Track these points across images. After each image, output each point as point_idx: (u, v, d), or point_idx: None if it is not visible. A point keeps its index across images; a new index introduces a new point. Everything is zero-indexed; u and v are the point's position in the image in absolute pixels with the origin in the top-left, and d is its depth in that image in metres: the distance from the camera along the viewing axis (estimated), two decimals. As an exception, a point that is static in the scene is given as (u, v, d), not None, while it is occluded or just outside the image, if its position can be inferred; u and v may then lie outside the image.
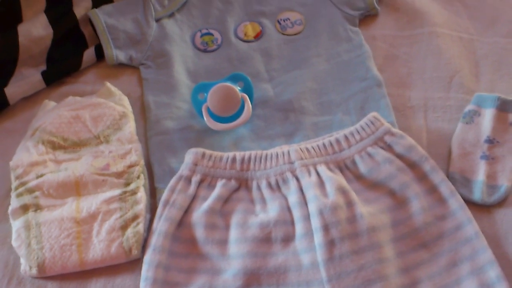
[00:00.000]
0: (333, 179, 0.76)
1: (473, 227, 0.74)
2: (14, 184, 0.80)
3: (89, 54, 0.94)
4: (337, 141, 0.80)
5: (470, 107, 0.85)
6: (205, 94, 0.86)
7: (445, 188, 0.77)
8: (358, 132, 0.80)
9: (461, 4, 1.01)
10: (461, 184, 0.79)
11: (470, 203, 0.77)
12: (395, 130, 0.80)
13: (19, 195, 0.78)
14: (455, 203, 0.76)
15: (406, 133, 0.81)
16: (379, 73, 0.90)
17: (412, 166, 0.78)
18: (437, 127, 0.86)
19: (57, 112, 0.85)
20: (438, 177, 0.77)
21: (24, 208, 0.77)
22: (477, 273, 0.71)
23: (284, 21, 0.97)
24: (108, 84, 0.90)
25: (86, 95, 0.90)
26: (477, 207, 0.78)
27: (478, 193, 0.78)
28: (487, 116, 0.84)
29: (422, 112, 0.88)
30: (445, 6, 1.01)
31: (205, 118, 0.85)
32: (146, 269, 0.73)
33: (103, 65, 0.95)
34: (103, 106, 0.86)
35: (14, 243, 0.75)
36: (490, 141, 0.82)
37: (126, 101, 0.88)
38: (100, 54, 0.95)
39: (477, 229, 0.74)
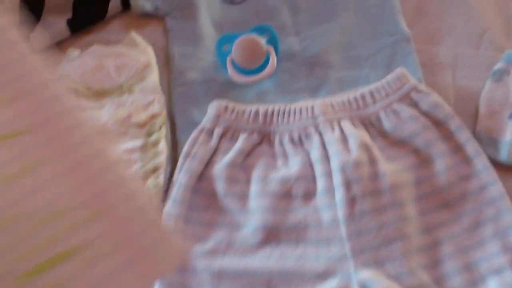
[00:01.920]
0: (356, 135, 0.72)
1: (498, 188, 0.69)
2: None
3: (115, 3, 0.89)
4: (362, 96, 0.75)
5: (500, 65, 0.79)
6: (230, 45, 0.81)
7: (471, 147, 0.71)
8: (384, 88, 0.75)
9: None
10: (487, 143, 0.74)
11: (496, 164, 0.72)
12: (422, 86, 0.75)
13: None
14: (480, 163, 0.71)
15: (433, 90, 0.75)
16: (408, 28, 0.84)
17: (438, 124, 0.73)
18: (465, 85, 0.80)
19: (81, 60, 0.82)
20: (463, 136, 0.72)
21: None
22: (501, 235, 0.67)
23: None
24: (133, 33, 0.85)
25: (111, 44, 0.85)
26: (503, 168, 0.72)
27: (504, 153, 0.73)
28: (517, 75, 0.77)
29: (450, 69, 0.82)
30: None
31: (228, 71, 0.80)
32: (165, 221, 0.69)
33: (129, 14, 0.89)
34: (127, 56, 0.82)
35: None
36: (520, 101, 0.76)
37: (150, 51, 0.83)
38: (126, 3, 0.89)
39: (502, 190, 0.69)
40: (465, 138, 0.72)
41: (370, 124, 0.74)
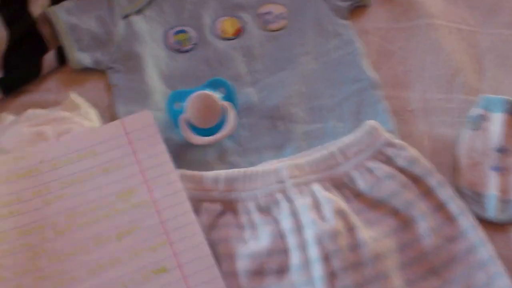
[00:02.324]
0: (330, 200, 0.65)
1: (487, 250, 0.63)
2: None
3: (49, 58, 0.80)
4: (332, 155, 0.68)
5: (476, 111, 0.73)
6: (182, 103, 0.72)
7: (454, 205, 0.66)
8: (355, 144, 0.69)
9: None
10: (472, 199, 0.68)
11: (483, 221, 0.66)
12: (396, 140, 0.69)
13: None
14: (466, 222, 0.65)
15: (408, 141, 0.70)
16: (374, 72, 0.77)
17: (416, 181, 0.67)
18: (440, 133, 0.75)
19: (16, 129, 0.71)
20: (445, 193, 0.66)
21: None
22: None
23: (265, 15, 0.83)
24: (73, 95, 0.76)
25: (49, 105, 0.76)
26: (491, 226, 0.67)
27: (491, 210, 0.67)
28: (496, 122, 0.71)
29: (422, 116, 0.76)
30: (440, -6, 0.88)
31: (183, 133, 0.72)
32: None
33: (67, 70, 0.80)
34: (69, 122, 0.72)
35: None
36: (502, 150, 0.70)
37: (93, 114, 0.74)
38: (62, 57, 0.80)
39: (491, 252, 0.63)
40: (447, 196, 0.66)
41: (343, 185, 0.67)
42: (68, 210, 0.66)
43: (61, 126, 0.72)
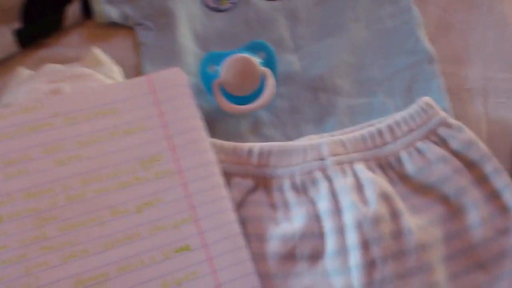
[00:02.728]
0: (374, 181, 0.63)
1: None
2: None
3: (73, 10, 0.77)
4: (380, 132, 0.65)
5: (542, 93, 0.68)
6: (217, 67, 0.70)
7: (510, 194, 0.63)
8: (406, 121, 0.66)
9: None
10: (530, 190, 0.64)
11: (539, 215, 0.66)
12: (452, 120, 0.66)
13: None
14: (522, 214, 0.65)
15: (463, 122, 0.66)
16: (430, 45, 0.74)
17: (471, 166, 0.64)
18: (499, 116, 0.72)
19: (32, 85, 0.70)
20: (501, 181, 0.63)
21: None
22: None
23: (314, -26, 0.81)
24: (96, 49, 0.74)
25: (69, 61, 0.74)
26: (547, 221, 0.66)
27: (550, 204, 0.64)
28: None
29: (481, 96, 0.73)
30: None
31: (216, 98, 0.69)
32: None
33: (91, 24, 0.78)
34: (89, 79, 0.70)
35: None
36: None
37: (117, 72, 0.72)
38: (87, 10, 0.78)
39: None
40: (503, 184, 0.63)
41: (389, 167, 0.65)
42: (83, 174, 0.61)
43: (81, 83, 0.70)
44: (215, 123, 0.71)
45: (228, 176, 0.65)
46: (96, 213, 0.60)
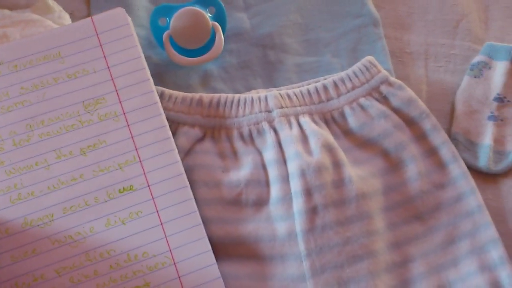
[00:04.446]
0: (318, 133, 0.67)
1: (475, 199, 0.66)
2: None
3: None
4: (325, 87, 0.70)
5: (479, 57, 0.76)
6: (168, 19, 0.74)
7: (447, 151, 0.68)
8: (350, 78, 0.70)
9: None
10: (465, 147, 0.71)
11: (474, 170, 0.70)
12: (394, 79, 0.71)
13: None
14: (457, 169, 0.67)
15: (404, 83, 0.71)
16: (376, 9, 0.80)
17: (410, 123, 0.69)
18: (439, 79, 0.77)
19: None
20: (439, 138, 0.69)
21: None
22: (478, 252, 0.64)
23: None
24: None
25: (18, 7, 0.76)
26: (481, 176, 0.71)
27: (483, 159, 0.70)
28: (499, 70, 0.75)
29: (422, 60, 0.79)
30: None
31: (166, 50, 0.73)
32: None
33: None
34: (38, 25, 0.72)
35: None
36: (500, 100, 0.73)
37: (67, 19, 0.75)
38: None
39: (480, 202, 0.66)
40: (440, 141, 0.69)
41: (333, 121, 0.69)
42: (28, 119, 0.65)
43: (29, 29, 0.72)
44: (165, 75, 0.74)
45: (176, 124, 0.68)
46: (41, 157, 0.63)
